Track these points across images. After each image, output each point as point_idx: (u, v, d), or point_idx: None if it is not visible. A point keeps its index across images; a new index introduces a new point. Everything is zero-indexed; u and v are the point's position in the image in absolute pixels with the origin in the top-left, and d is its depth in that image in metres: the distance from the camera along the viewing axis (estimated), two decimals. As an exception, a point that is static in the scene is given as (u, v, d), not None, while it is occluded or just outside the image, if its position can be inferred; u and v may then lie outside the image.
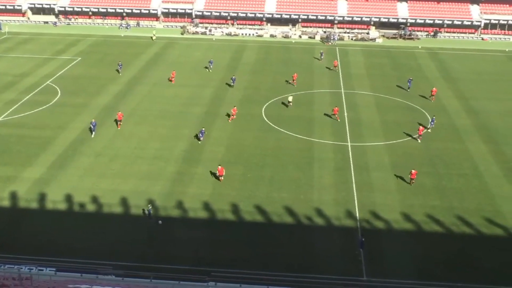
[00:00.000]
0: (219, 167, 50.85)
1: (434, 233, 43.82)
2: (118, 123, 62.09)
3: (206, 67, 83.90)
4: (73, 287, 26.24)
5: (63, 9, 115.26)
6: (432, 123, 62.77)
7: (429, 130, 62.27)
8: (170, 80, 76.45)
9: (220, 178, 50.67)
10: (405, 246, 42.36)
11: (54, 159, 54.50)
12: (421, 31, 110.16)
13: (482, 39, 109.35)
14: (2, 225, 44.06)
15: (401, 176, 51.79)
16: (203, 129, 59.70)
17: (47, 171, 52.20)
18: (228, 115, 65.29)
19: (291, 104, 69.55)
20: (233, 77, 77.70)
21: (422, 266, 40.25)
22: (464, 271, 39.71)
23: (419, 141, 60.00)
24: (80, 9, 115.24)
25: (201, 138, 59.13)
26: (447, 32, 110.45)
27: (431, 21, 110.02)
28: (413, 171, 50.22)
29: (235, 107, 65.91)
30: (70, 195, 48.21)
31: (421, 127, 61.24)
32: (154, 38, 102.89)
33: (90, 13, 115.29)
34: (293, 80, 77.69)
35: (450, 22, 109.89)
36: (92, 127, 60.40)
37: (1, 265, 36.69)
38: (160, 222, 44.24)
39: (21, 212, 45.64)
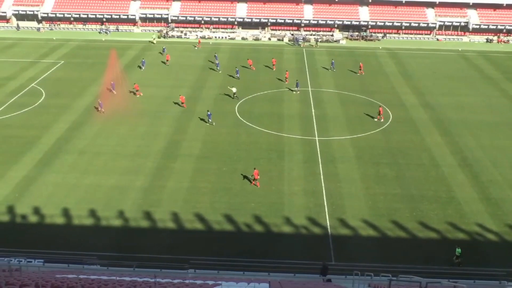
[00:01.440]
0: (255, 170, 49.50)
1: (397, 219, 44.32)
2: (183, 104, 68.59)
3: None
4: (60, 277, 26.05)
5: (46, 15, 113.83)
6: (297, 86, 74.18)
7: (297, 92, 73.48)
8: (133, 93, 73.02)
9: (256, 181, 49.05)
10: (369, 231, 42.81)
11: (40, 157, 53.98)
12: (381, 32, 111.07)
13: (437, 39, 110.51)
14: (-9, 220, 43.68)
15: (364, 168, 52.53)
16: (209, 112, 62.61)
17: (33, 168, 51.67)
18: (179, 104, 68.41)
19: (236, 95, 70.87)
20: (237, 68, 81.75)
21: (385, 249, 40.78)
22: (421, 253, 40.33)
23: (382, 120, 63.75)
24: (62, 15, 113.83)
25: (210, 120, 62.17)
26: (405, 33, 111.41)
27: (390, 24, 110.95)
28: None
29: (182, 96, 68.69)
30: (56, 190, 47.86)
31: (380, 108, 64.84)
32: (155, 42, 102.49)
33: (72, 19, 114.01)
34: (286, 78, 78.51)
35: (407, 24, 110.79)
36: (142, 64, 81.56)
37: (-9, 258, 36.35)
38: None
39: (9, 207, 45.13)
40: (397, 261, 38.82)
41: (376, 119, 64.41)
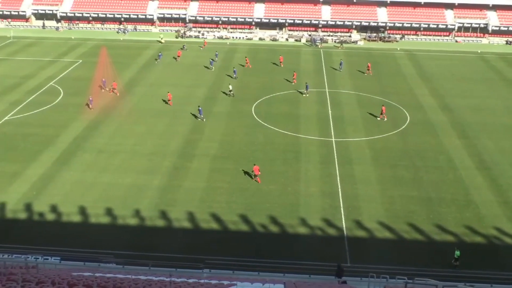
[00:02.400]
0: (255, 166, 50.21)
1: (413, 221, 44.07)
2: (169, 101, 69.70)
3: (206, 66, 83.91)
4: (76, 275, 26.24)
5: (64, 14, 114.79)
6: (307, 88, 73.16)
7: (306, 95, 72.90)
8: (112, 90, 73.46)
9: (257, 177, 49.77)
10: (385, 233, 42.62)
11: (57, 155, 54.42)
12: (399, 34, 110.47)
13: (456, 41, 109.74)
14: (9, 217, 44.06)
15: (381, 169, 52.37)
16: (200, 108, 63.90)
17: (51, 166, 52.11)
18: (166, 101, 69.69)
19: (232, 92, 72.14)
20: (234, 69, 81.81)
21: (401, 252, 40.53)
22: (438, 256, 40.06)
23: (385, 119, 64.12)
24: (80, 15, 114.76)
25: (201, 116, 63.43)
26: (423, 35, 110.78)
27: (409, 25, 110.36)
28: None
29: (170, 93, 70.12)
30: (73, 189, 48.23)
31: (383, 107, 65.61)
32: (162, 41, 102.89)
33: (90, 18, 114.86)
34: (294, 79, 78.47)
35: (426, 26, 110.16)
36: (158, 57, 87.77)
37: (9, 255, 36.72)
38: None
39: (27, 205, 45.55)
40: (413, 264, 38.62)
41: (379, 118, 64.66)
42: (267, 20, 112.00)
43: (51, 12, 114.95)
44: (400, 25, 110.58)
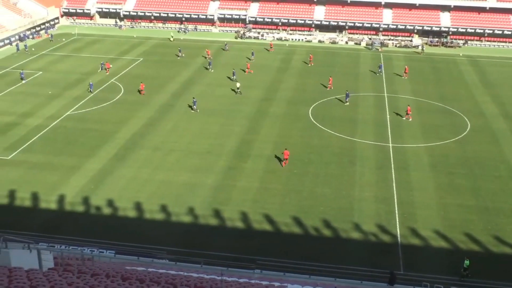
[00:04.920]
0: (286, 150, 52.98)
1: (470, 231, 43.04)
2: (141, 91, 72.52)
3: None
4: (130, 269, 26.69)
5: (127, 13, 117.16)
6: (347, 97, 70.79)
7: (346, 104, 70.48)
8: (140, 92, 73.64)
9: (285, 161, 52.62)
10: (441, 242, 41.75)
11: (115, 151, 55.56)
12: (462, 39, 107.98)
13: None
14: (67, 209, 45.25)
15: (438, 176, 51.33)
16: (195, 99, 67.39)
17: (108, 162, 53.24)
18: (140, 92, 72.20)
19: (239, 90, 73.05)
20: (234, 70, 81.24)
21: (457, 262, 39.56)
22: (495, 268, 38.96)
23: (410, 119, 64.97)
24: (143, 14, 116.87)
25: (194, 107, 66.69)
26: (487, 41, 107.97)
27: (473, 30, 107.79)
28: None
29: (142, 84, 73.14)
30: (129, 184, 49.14)
31: (408, 107, 66.38)
32: (171, 39, 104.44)
33: (152, 17, 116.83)
34: (329, 84, 77.16)
35: (491, 32, 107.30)
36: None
37: (66, 246, 37.70)
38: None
39: (84, 198, 46.68)
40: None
41: (404, 118, 64.47)
42: (327, 23, 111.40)
43: (114, 10, 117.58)
44: (464, 30, 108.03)
